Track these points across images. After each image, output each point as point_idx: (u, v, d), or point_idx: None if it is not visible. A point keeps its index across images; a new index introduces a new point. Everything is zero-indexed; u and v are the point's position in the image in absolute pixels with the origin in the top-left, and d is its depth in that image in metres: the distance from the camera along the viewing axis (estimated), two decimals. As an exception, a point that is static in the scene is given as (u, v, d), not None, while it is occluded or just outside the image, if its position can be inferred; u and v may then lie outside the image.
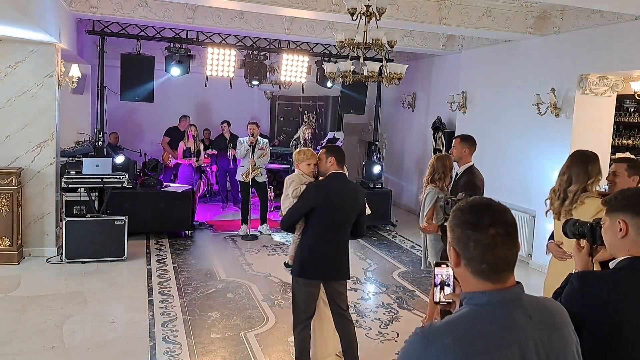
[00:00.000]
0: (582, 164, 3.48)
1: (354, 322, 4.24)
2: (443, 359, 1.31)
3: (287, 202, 3.98)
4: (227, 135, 10.19)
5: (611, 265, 1.97)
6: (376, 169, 9.73)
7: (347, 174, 3.97)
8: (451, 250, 1.48)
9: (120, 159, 7.95)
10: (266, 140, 8.75)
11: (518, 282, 1.46)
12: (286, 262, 4.59)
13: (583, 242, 2.18)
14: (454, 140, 5.07)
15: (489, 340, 1.35)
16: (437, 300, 1.67)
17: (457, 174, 5.03)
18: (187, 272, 6.58)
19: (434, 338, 1.35)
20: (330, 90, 10.58)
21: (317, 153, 4.19)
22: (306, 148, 4.63)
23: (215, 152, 10.26)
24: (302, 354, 3.92)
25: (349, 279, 4.07)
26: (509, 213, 1.45)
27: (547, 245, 3.67)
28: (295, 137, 9.68)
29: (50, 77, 6.86)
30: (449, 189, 4.94)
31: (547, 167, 7.28)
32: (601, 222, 2.03)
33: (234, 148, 8.86)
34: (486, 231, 1.40)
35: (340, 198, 3.84)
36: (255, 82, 9.73)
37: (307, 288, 3.86)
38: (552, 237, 3.67)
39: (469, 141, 5.00)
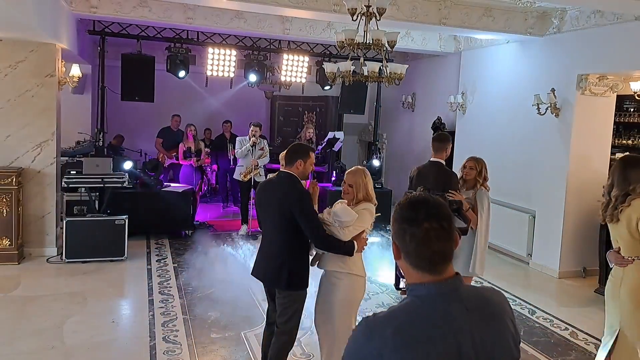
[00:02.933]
0: (622, 169, 3.49)
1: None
2: (383, 349, 1.36)
3: None
4: (228, 135, 10.20)
5: None
6: (375, 163, 9.73)
7: (296, 172, 3.61)
8: (393, 243, 1.54)
9: (128, 165, 7.90)
10: (265, 141, 8.76)
11: (457, 274, 1.50)
12: None
13: None
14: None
15: (426, 332, 1.40)
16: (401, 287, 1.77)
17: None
18: (187, 272, 6.58)
19: (376, 329, 1.40)
20: (330, 90, 10.58)
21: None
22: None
23: (208, 150, 10.22)
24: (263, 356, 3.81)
25: (282, 289, 3.56)
26: (445, 208, 1.51)
27: (607, 256, 3.66)
28: (297, 137, 9.70)
29: (50, 77, 6.86)
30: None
31: (547, 168, 7.29)
32: None
33: (234, 148, 8.87)
34: (421, 225, 1.44)
35: (265, 198, 3.68)
36: (253, 79, 9.67)
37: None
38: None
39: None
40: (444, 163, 5.19)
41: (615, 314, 3.54)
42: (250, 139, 8.31)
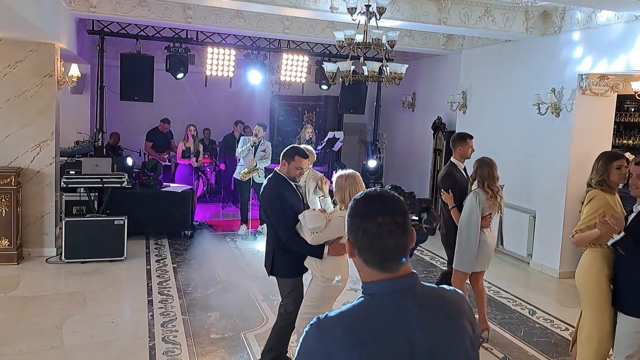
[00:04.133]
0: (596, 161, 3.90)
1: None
2: (333, 349, 1.34)
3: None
4: (237, 136, 10.16)
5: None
6: (372, 164, 9.72)
7: (282, 171, 3.94)
8: (347, 240, 1.49)
9: (130, 161, 7.94)
10: (269, 143, 8.74)
11: (413, 272, 1.46)
12: None
13: None
14: (472, 140, 5.26)
15: (377, 331, 1.36)
16: None
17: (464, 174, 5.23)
18: (187, 272, 6.57)
19: (326, 329, 1.38)
20: (330, 90, 10.56)
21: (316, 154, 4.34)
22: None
23: (207, 156, 10.25)
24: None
25: (269, 274, 4.07)
26: (400, 203, 1.47)
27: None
28: (297, 136, 9.68)
29: (49, 77, 6.85)
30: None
31: (547, 168, 7.27)
32: None
33: None
34: (373, 220, 1.41)
35: (260, 195, 4.11)
36: (256, 80, 9.66)
37: None
38: None
39: None
40: (455, 163, 5.22)
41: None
42: (252, 139, 8.32)
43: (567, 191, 6.94)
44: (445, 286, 1.56)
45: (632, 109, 7.83)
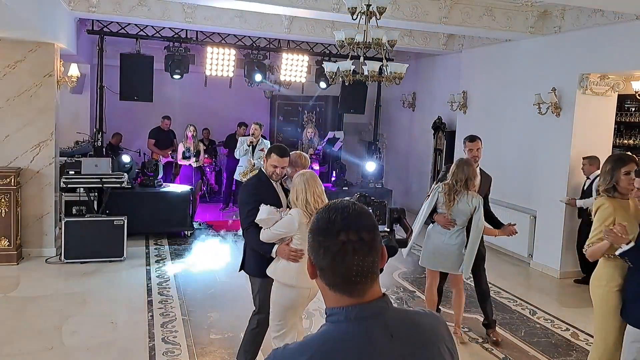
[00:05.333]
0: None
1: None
2: None
3: None
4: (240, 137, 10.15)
5: None
6: (370, 167, 9.71)
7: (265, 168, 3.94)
8: (307, 259, 1.33)
9: (126, 159, 7.93)
10: (267, 142, 8.72)
11: (384, 295, 1.30)
12: None
13: None
14: (477, 142, 5.09)
15: None
16: None
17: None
18: (187, 273, 6.56)
19: None
20: (330, 90, 10.55)
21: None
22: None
23: (207, 156, 10.23)
24: None
25: (242, 271, 3.95)
26: (368, 217, 1.30)
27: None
28: (302, 137, 9.68)
29: (49, 77, 6.84)
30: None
31: (547, 167, 7.26)
32: None
33: None
34: (335, 237, 1.24)
35: None
36: (258, 78, 9.66)
37: None
38: None
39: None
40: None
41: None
42: (249, 139, 8.30)
43: (568, 191, 6.93)
44: (419, 309, 1.44)
45: (633, 109, 7.82)
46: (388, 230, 3.86)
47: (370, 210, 2.83)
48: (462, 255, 4.63)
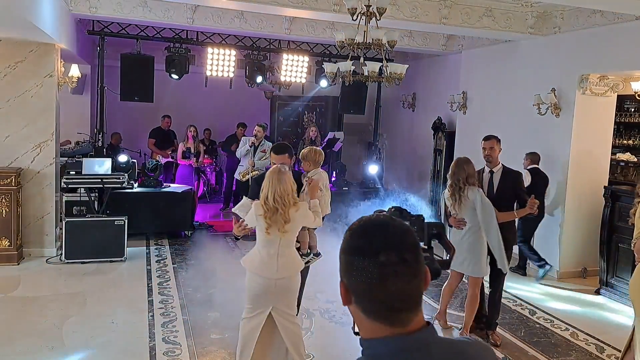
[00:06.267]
0: None
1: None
2: None
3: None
4: (240, 138, 10.15)
5: None
6: (373, 170, 9.73)
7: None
8: (340, 283, 1.19)
9: (123, 158, 7.94)
10: (269, 144, 8.72)
11: (428, 323, 1.17)
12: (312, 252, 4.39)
13: None
14: (490, 142, 5.06)
15: None
16: (357, 330, 1.25)
17: (489, 177, 5.02)
18: (187, 273, 6.57)
19: None
20: (330, 90, 10.56)
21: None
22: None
23: (207, 156, 10.25)
24: None
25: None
26: (410, 235, 1.16)
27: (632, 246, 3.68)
28: (302, 137, 9.70)
29: (50, 77, 6.85)
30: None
31: (547, 168, 7.27)
32: None
33: None
34: (375, 258, 1.11)
35: None
36: (259, 79, 9.70)
37: None
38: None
39: (500, 141, 5.14)
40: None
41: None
42: (251, 139, 8.32)
43: (567, 191, 6.94)
44: (465, 337, 1.35)
45: (632, 109, 7.84)
46: (426, 247, 3.58)
47: None
48: (474, 255, 4.71)
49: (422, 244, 3.07)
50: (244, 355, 3.67)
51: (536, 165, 6.81)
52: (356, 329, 1.25)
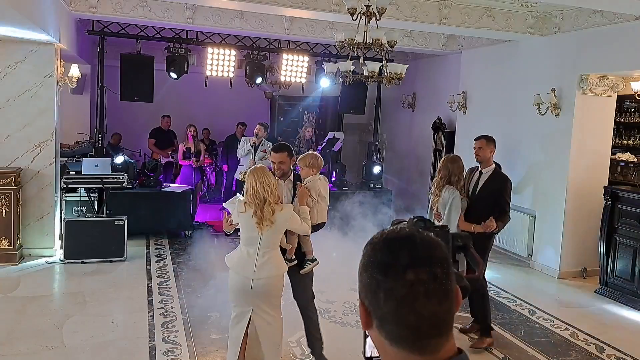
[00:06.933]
0: None
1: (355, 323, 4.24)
2: None
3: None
4: (239, 137, 10.16)
5: None
6: (376, 169, 9.73)
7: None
8: (360, 304, 1.06)
9: (119, 160, 7.94)
10: (270, 143, 8.71)
11: (460, 350, 1.04)
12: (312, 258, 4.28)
13: None
14: (479, 142, 5.02)
15: None
16: (369, 355, 1.14)
17: (476, 175, 5.00)
18: (187, 273, 6.57)
19: None
20: (330, 90, 10.56)
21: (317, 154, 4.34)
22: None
23: (207, 156, 10.25)
24: None
25: None
26: (440, 249, 1.04)
27: None
28: (297, 136, 9.68)
29: (49, 77, 6.85)
30: (468, 192, 4.93)
31: (547, 168, 7.27)
32: None
33: None
34: (402, 276, 0.98)
35: None
36: (258, 80, 9.71)
37: None
38: None
39: (493, 142, 5.05)
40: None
41: None
42: (252, 139, 8.31)
43: (567, 191, 6.94)
44: None
45: (632, 109, 7.83)
46: (451, 261, 3.21)
47: None
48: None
49: None
50: (230, 356, 3.72)
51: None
52: (369, 354, 1.13)
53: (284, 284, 3.81)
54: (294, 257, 4.08)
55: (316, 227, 4.09)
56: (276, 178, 3.88)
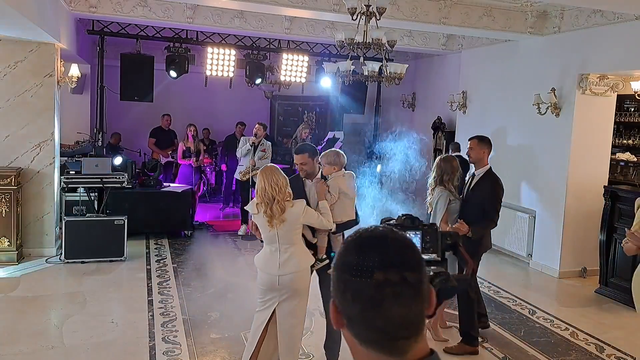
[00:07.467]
0: None
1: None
2: None
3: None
4: (239, 137, 10.16)
5: None
6: (378, 169, 9.72)
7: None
8: (331, 303, 1.04)
9: (118, 160, 7.94)
10: (269, 143, 8.71)
11: (432, 351, 1.02)
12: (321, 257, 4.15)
13: None
14: (470, 142, 5.01)
15: None
16: None
17: (471, 177, 5.00)
18: (187, 272, 6.57)
19: None
20: (330, 90, 10.55)
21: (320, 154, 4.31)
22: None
23: (207, 156, 10.26)
24: None
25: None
26: (412, 250, 1.01)
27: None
28: (293, 136, 9.67)
29: (49, 77, 6.85)
30: (461, 192, 4.94)
31: (547, 167, 7.27)
32: None
33: None
34: (369, 277, 0.96)
35: None
36: (258, 80, 9.71)
37: None
38: None
39: (487, 142, 5.01)
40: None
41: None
42: (251, 139, 8.31)
43: (567, 191, 6.94)
44: None
45: (632, 109, 7.83)
46: (439, 259, 3.05)
47: (419, 236, 2.29)
48: None
49: (434, 255, 2.64)
50: (249, 347, 3.75)
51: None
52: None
53: (310, 279, 3.83)
54: (324, 256, 4.02)
55: (345, 225, 4.03)
56: (303, 178, 4.02)
